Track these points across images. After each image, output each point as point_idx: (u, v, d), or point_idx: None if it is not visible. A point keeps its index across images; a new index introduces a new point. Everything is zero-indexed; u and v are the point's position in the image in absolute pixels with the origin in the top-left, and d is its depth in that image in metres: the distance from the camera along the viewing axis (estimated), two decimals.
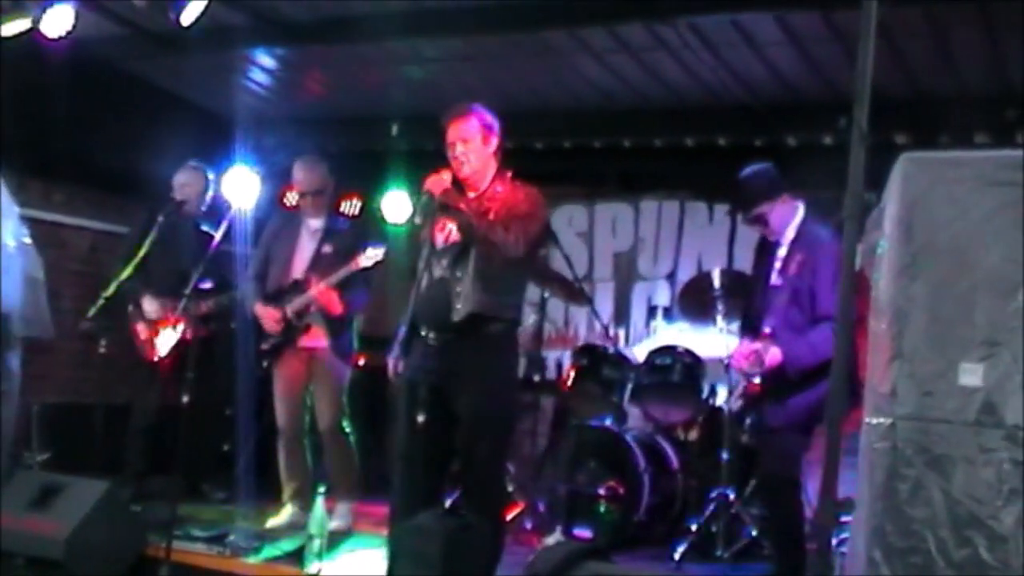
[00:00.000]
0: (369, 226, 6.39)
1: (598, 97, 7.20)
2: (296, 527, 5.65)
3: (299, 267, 5.94)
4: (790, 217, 4.87)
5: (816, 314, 4.61)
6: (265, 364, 5.95)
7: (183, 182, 6.51)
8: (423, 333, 4.62)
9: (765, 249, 5.04)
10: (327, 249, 5.92)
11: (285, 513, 5.92)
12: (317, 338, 5.89)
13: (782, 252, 4.83)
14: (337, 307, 5.78)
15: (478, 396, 4.56)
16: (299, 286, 5.85)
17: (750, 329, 4.96)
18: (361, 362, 6.46)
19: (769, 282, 4.83)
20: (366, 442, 6.17)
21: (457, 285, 4.55)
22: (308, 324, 5.85)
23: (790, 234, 4.85)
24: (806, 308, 4.65)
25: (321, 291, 5.75)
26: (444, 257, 4.64)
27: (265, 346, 5.91)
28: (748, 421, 5.25)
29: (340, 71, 7.42)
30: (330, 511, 5.47)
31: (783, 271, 4.78)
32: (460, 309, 4.52)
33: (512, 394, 4.86)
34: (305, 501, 5.74)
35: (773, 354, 4.62)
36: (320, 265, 5.87)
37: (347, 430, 5.93)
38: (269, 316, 5.82)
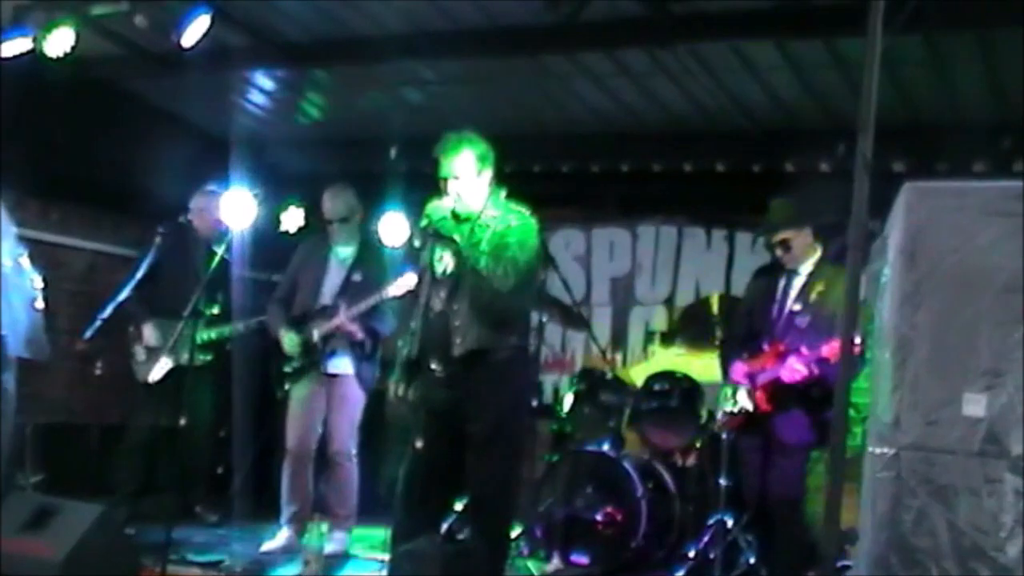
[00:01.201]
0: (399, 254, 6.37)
1: (597, 121, 7.21)
2: (292, 550, 5.62)
3: (328, 293, 5.94)
4: (811, 250, 5.15)
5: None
6: (287, 386, 5.94)
7: (200, 207, 6.47)
8: (430, 365, 4.63)
9: (771, 275, 5.27)
10: (356, 277, 5.92)
11: (281, 536, 5.87)
12: (342, 365, 5.88)
13: (799, 281, 5.13)
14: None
15: (488, 421, 4.58)
16: (327, 312, 5.84)
17: (754, 349, 5.10)
18: None
19: (784, 307, 5.10)
20: (364, 465, 6.14)
21: (455, 319, 4.58)
22: (333, 349, 5.84)
23: (809, 266, 5.14)
24: (823, 334, 4.77)
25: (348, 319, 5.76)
26: (442, 289, 4.66)
27: (288, 369, 5.90)
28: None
29: (338, 93, 7.42)
30: (327, 535, 5.44)
31: (801, 298, 5.07)
32: (459, 345, 4.56)
33: (522, 418, 4.89)
34: (302, 525, 5.72)
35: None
36: (349, 292, 5.87)
37: (354, 457, 5.91)
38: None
